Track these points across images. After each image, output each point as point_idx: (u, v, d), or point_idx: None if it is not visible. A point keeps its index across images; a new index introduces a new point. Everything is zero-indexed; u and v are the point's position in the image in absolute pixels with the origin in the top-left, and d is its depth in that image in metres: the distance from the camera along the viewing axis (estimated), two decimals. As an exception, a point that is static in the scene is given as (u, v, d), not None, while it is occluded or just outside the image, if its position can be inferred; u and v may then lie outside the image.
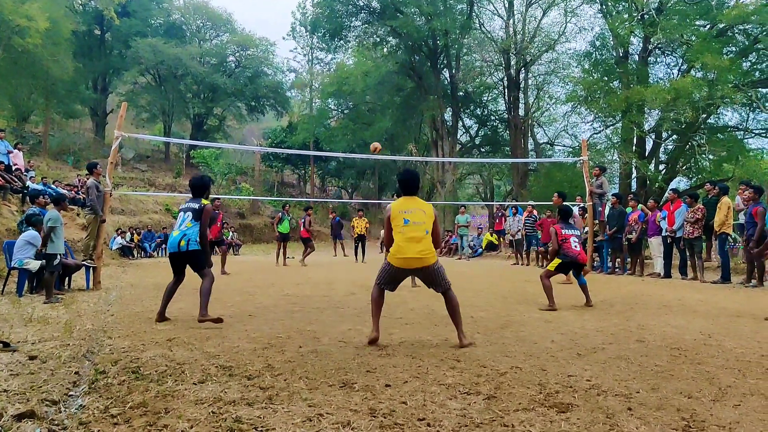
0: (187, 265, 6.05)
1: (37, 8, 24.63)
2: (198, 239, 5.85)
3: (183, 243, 5.82)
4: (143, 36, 37.27)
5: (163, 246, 22.15)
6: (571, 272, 7.67)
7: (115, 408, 2.99)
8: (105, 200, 9.64)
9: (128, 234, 20.20)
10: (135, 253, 20.11)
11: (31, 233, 8.28)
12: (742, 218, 10.47)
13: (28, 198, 13.93)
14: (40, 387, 3.38)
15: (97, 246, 9.45)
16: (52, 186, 17.30)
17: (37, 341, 4.73)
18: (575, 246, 7.24)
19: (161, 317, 5.93)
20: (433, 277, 4.79)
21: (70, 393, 3.32)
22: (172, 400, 3.10)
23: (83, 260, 9.49)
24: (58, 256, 8.00)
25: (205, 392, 3.24)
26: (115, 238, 19.02)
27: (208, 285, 5.82)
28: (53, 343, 4.66)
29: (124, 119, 9.98)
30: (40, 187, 15.64)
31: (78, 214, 17.07)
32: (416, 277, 9.32)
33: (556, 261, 7.29)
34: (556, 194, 8.25)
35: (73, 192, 18.86)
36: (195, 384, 3.43)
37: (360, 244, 18.73)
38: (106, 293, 8.62)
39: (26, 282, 8.38)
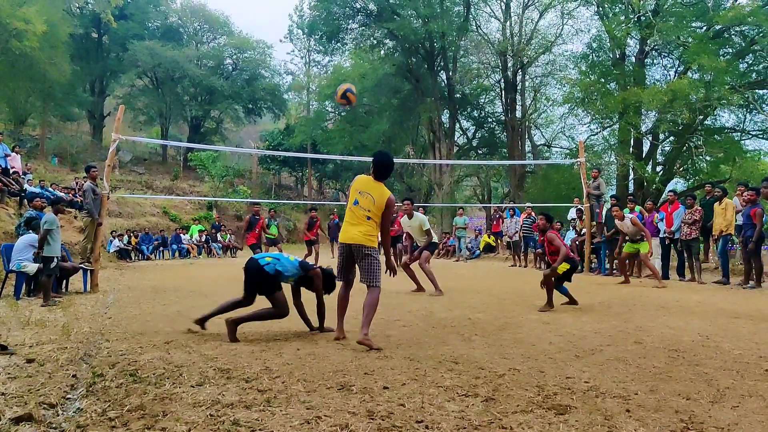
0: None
1: (34, 11, 24.62)
2: None
3: None
4: (140, 39, 37.27)
5: (161, 248, 22.14)
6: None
7: (113, 411, 2.98)
8: (102, 203, 9.63)
9: (126, 236, 20.17)
10: (132, 255, 20.08)
11: (32, 236, 8.26)
12: (740, 219, 10.49)
13: (25, 201, 13.91)
14: (38, 390, 3.37)
15: (94, 249, 9.44)
16: (50, 189, 17.27)
17: (35, 344, 4.72)
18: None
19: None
20: (362, 265, 4.93)
21: (68, 396, 3.31)
22: (170, 403, 3.09)
23: (81, 263, 9.49)
24: (55, 259, 7.99)
25: (203, 395, 3.23)
26: (112, 241, 18.99)
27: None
28: (51, 346, 4.65)
29: (122, 122, 9.98)
30: (37, 190, 15.62)
31: (75, 217, 17.03)
32: (414, 282, 9.30)
33: (565, 266, 7.12)
34: (542, 217, 7.04)
35: (70, 195, 18.84)
36: (193, 387, 3.42)
37: None
38: (103, 296, 8.60)
39: (24, 285, 8.36)
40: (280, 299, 5.17)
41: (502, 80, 29.46)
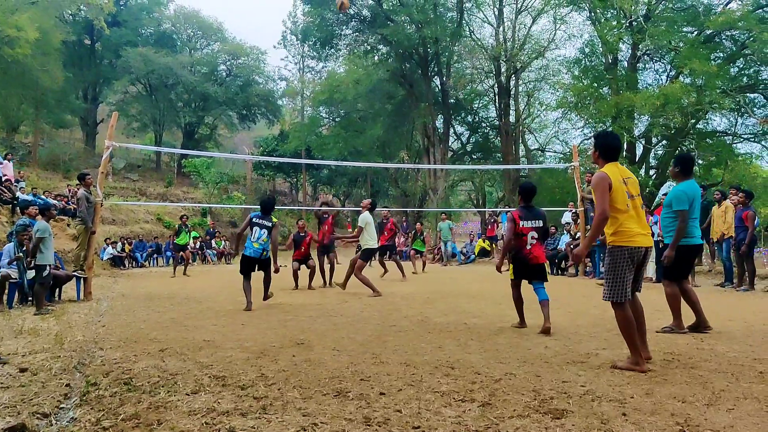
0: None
1: (26, 18, 24.54)
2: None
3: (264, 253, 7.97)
4: (134, 45, 37.18)
5: (155, 256, 22.05)
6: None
7: (107, 420, 2.96)
8: (96, 210, 9.58)
9: (119, 244, 20.08)
10: (126, 263, 19.99)
11: (10, 245, 8.30)
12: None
13: (18, 209, 13.84)
14: (31, 400, 3.35)
15: (87, 256, 9.39)
16: (42, 196, 17.20)
17: (28, 353, 4.69)
18: (531, 243, 5.89)
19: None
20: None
21: (62, 405, 3.29)
22: (165, 412, 3.07)
23: (74, 271, 9.43)
24: (48, 267, 7.95)
25: (198, 403, 3.22)
26: (105, 248, 18.90)
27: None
28: (44, 355, 4.63)
29: (115, 129, 9.96)
30: (30, 197, 15.55)
31: (68, 225, 16.97)
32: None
33: (511, 268, 6.11)
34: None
35: (63, 202, 18.76)
36: (188, 395, 3.40)
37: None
38: (97, 304, 8.56)
39: (16, 293, 8.32)
40: None
41: (496, 85, 29.54)
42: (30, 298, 8.16)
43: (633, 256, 4.16)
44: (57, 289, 9.22)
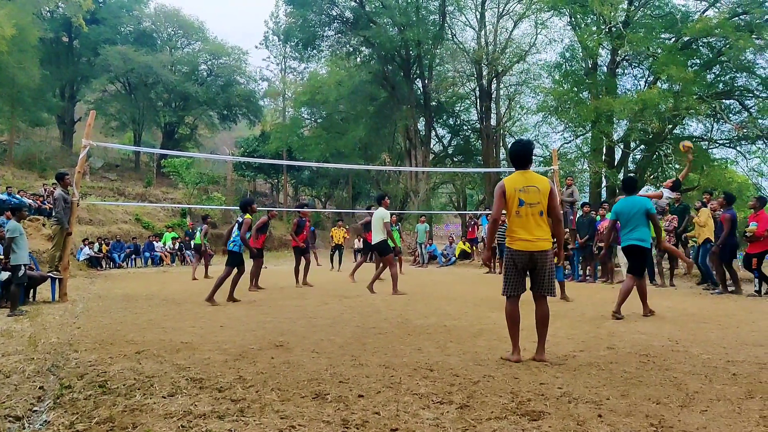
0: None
1: (3, 15, 24.13)
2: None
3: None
4: (113, 43, 36.68)
5: (133, 256, 21.79)
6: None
7: (81, 423, 2.92)
8: (72, 210, 9.45)
9: (96, 244, 19.81)
10: (103, 263, 19.72)
11: None
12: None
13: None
14: (4, 402, 3.29)
15: (63, 257, 9.25)
16: (17, 196, 16.91)
17: (1, 355, 4.61)
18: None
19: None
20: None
21: (35, 408, 3.24)
22: (141, 415, 3.04)
23: (49, 271, 9.29)
24: (23, 267, 7.82)
25: (175, 405, 3.19)
26: (82, 249, 18.63)
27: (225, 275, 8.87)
28: (17, 357, 4.55)
29: (93, 127, 9.83)
30: (4, 196, 15.28)
31: (43, 225, 16.70)
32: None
33: None
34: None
35: (38, 202, 18.47)
36: (164, 397, 3.37)
37: (337, 253, 18.91)
38: (72, 305, 8.44)
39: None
40: None
41: (477, 88, 29.72)
42: (7, 300, 8.01)
43: (515, 258, 4.46)
44: (31, 290, 9.07)
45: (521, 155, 4.57)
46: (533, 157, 4.79)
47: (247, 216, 8.92)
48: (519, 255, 4.44)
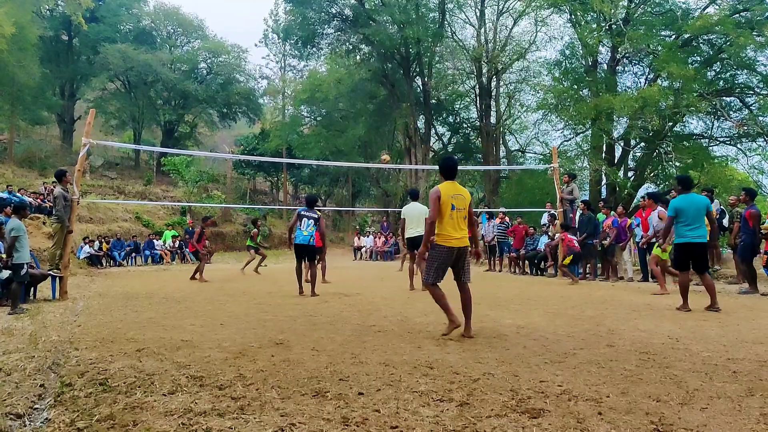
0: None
1: (2, 13, 24.11)
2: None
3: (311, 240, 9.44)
4: (112, 42, 36.64)
5: (133, 255, 21.80)
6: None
7: (82, 421, 2.92)
8: (72, 209, 9.45)
9: (97, 242, 19.81)
10: (104, 261, 19.73)
11: None
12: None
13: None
14: (4, 400, 3.30)
15: (63, 255, 9.25)
16: (17, 194, 16.91)
17: (1, 353, 4.62)
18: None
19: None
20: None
21: (36, 406, 3.24)
22: (141, 412, 3.04)
23: (49, 270, 9.29)
24: (25, 266, 7.83)
25: (175, 403, 3.19)
26: (82, 247, 18.64)
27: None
28: (18, 355, 4.55)
29: (93, 126, 9.83)
30: (5, 195, 15.28)
31: (44, 223, 16.70)
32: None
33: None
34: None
35: (39, 200, 18.46)
36: (164, 395, 3.37)
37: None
38: (73, 303, 8.44)
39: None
40: None
41: (477, 86, 29.72)
42: (8, 299, 8.01)
43: (446, 253, 5.36)
44: (32, 288, 9.07)
45: (452, 168, 5.60)
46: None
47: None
48: (450, 250, 5.33)
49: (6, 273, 8.03)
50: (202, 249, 14.19)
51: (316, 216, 9.55)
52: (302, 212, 9.58)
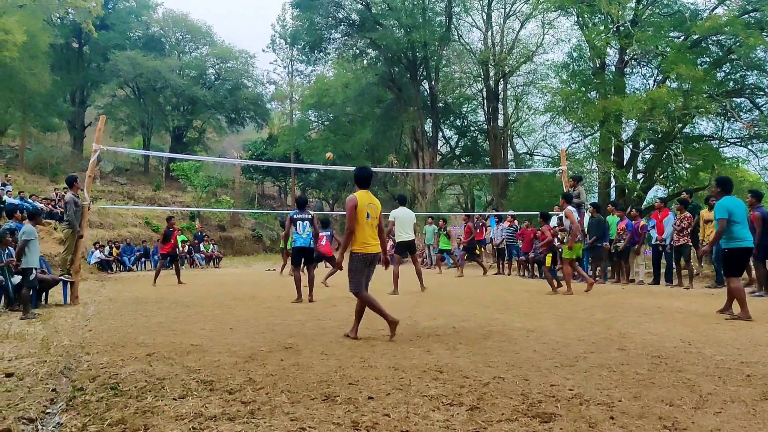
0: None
1: (14, 21, 24.37)
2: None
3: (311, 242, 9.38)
4: (122, 49, 36.99)
5: (143, 260, 21.91)
6: None
7: (94, 425, 2.93)
8: (83, 214, 9.52)
9: (107, 248, 19.93)
10: (114, 266, 19.84)
11: None
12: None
13: (4, 213, 13.70)
14: (17, 405, 3.31)
15: (74, 260, 9.31)
16: (29, 200, 17.04)
17: (14, 358, 4.64)
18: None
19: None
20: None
21: (48, 411, 3.26)
22: (152, 416, 3.05)
23: (60, 275, 9.34)
24: (34, 270, 7.88)
25: (186, 407, 3.19)
26: (93, 252, 18.76)
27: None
28: (30, 359, 4.58)
29: (103, 132, 9.90)
30: (17, 201, 15.41)
31: (55, 228, 16.82)
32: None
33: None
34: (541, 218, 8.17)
35: (50, 206, 18.60)
36: (175, 399, 3.38)
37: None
38: (84, 308, 8.49)
39: (2, 298, 8.23)
40: None
41: (484, 89, 29.70)
42: (19, 303, 8.07)
43: (366, 259, 5.63)
44: (44, 294, 9.13)
45: (367, 178, 5.85)
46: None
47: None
48: (366, 257, 5.61)
49: (17, 278, 8.09)
50: (166, 251, 14.40)
51: (310, 216, 9.44)
52: (295, 216, 9.37)
